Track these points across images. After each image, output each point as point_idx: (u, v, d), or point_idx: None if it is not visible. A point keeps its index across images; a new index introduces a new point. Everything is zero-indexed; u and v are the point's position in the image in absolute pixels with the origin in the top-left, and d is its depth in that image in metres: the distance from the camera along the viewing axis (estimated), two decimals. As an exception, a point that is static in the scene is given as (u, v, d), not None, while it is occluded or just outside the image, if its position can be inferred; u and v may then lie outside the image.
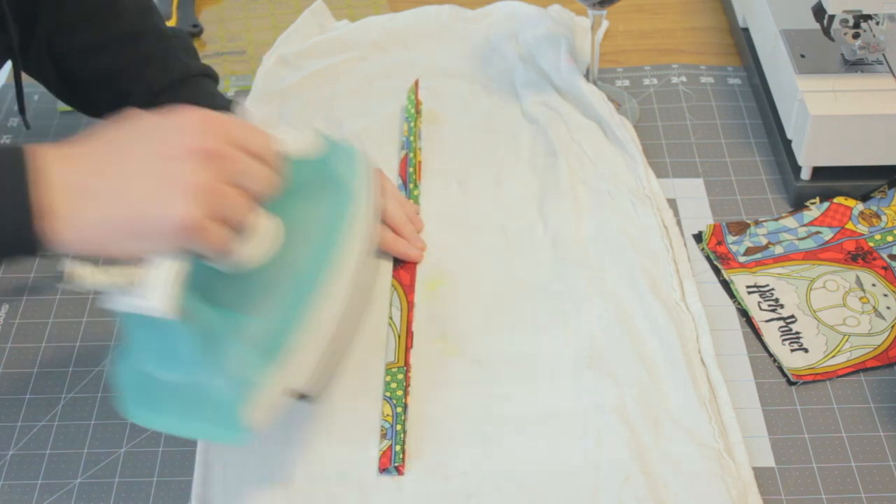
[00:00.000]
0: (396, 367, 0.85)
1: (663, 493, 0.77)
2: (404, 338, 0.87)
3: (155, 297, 0.63)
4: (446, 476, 0.79)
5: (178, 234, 0.63)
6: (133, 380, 0.70)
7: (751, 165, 1.03)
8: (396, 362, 0.86)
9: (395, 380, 0.84)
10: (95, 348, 0.89)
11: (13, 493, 0.80)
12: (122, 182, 0.63)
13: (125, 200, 0.63)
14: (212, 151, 0.64)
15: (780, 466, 0.80)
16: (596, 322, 0.88)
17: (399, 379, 0.84)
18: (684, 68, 1.15)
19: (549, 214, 0.97)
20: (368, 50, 1.17)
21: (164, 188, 0.62)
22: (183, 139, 0.64)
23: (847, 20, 0.97)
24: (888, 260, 0.93)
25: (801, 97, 0.96)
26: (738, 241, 0.95)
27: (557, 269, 0.93)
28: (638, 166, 1.01)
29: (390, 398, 0.83)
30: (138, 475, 0.81)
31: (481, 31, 1.18)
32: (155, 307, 0.63)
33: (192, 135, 0.64)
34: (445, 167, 1.03)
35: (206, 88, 0.98)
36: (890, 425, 0.82)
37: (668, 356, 0.85)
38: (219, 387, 0.67)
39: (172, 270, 0.64)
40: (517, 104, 1.10)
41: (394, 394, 0.83)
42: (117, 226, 0.63)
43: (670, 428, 0.81)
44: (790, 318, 0.89)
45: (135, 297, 0.64)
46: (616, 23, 1.22)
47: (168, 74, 0.96)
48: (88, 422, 0.84)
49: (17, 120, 1.12)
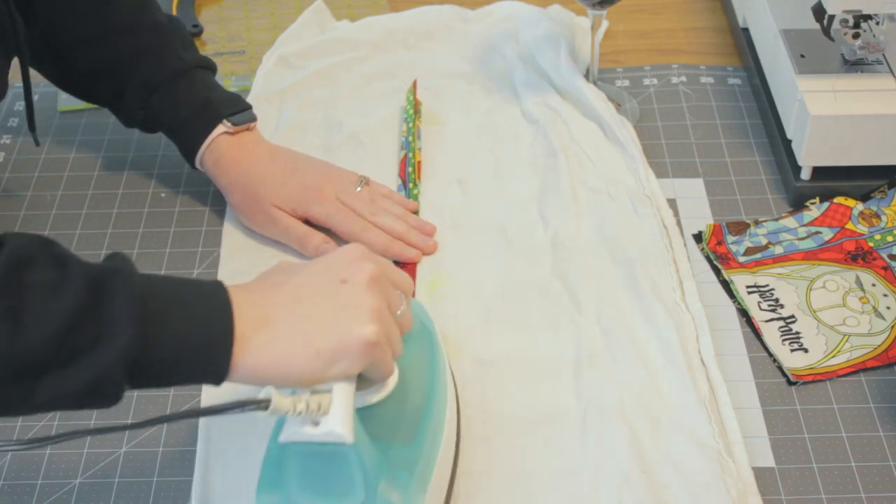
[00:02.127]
0: (396, 368, 0.85)
1: (663, 493, 0.77)
2: (404, 338, 0.87)
3: (340, 422, 0.64)
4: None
5: (368, 352, 0.66)
6: None
7: (751, 165, 1.03)
8: (397, 363, 0.85)
9: (396, 380, 0.84)
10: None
11: (13, 493, 0.80)
12: (309, 308, 0.66)
13: (316, 325, 0.65)
14: (378, 279, 0.68)
15: (780, 466, 0.80)
16: (596, 322, 0.88)
17: (399, 379, 0.84)
18: (684, 68, 1.15)
19: (549, 214, 0.97)
20: (368, 50, 1.17)
21: (352, 311, 0.66)
22: (354, 267, 0.68)
23: (847, 20, 0.97)
24: (888, 260, 0.93)
25: (801, 97, 0.96)
26: (738, 241, 0.95)
27: (557, 269, 0.93)
28: (638, 166, 1.01)
29: (390, 398, 0.83)
30: (138, 475, 0.81)
31: (481, 31, 1.18)
32: (340, 433, 0.64)
33: (360, 263, 0.68)
34: (445, 167, 1.03)
35: (204, 81, 0.98)
36: (890, 425, 0.82)
37: (668, 356, 0.85)
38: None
39: (350, 395, 0.66)
40: (517, 104, 1.10)
41: (394, 394, 0.83)
42: (311, 350, 0.65)
43: (670, 428, 0.81)
44: (790, 318, 0.89)
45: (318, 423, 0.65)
46: (616, 23, 1.22)
47: (163, 69, 0.96)
48: (88, 422, 0.84)
49: (17, 120, 1.12)
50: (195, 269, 0.95)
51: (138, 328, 0.60)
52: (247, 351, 0.63)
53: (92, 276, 0.61)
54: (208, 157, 0.96)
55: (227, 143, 0.95)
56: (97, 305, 0.60)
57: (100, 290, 0.61)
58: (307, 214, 0.95)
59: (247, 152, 0.96)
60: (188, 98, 0.96)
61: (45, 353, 0.59)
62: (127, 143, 1.08)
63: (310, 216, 0.95)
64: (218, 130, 0.95)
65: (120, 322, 0.60)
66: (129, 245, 0.97)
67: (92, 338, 0.60)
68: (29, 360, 0.59)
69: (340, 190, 0.96)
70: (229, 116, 0.95)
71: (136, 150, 1.08)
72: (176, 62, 0.96)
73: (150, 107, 0.96)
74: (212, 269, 0.95)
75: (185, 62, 0.97)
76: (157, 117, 0.97)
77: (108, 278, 0.61)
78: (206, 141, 0.95)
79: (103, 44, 0.96)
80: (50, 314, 0.59)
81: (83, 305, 0.60)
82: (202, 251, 0.97)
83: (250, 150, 0.96)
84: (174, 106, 0.96)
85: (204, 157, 0.96)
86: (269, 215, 0.95)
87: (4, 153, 1.08)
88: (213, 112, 0.95)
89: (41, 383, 0.60)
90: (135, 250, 0.97)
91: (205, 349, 0.63)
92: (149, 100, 0.96)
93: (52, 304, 0.59)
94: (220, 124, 0.95)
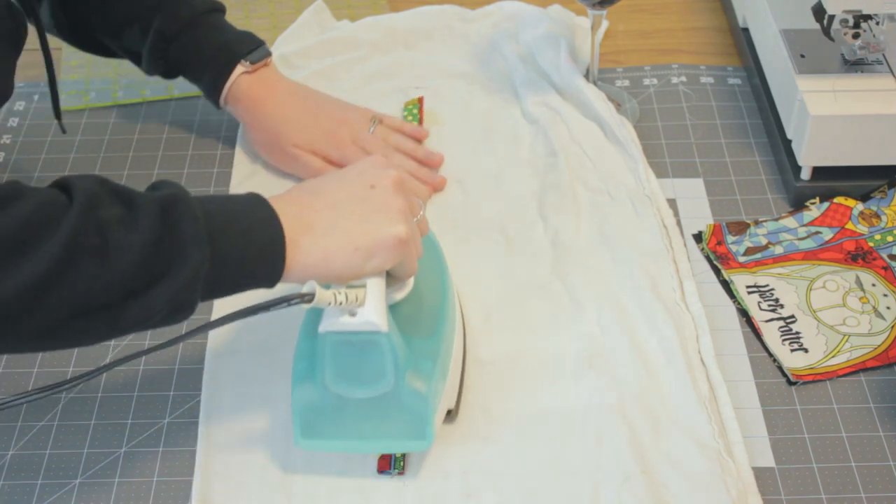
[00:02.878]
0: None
1: (663, 493, 0.77)
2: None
3: (376, 312, 0.71)
4: (446, 476, 0.79)
5: (399, 248, 0.73)
6: (311, 407, 0.76)
7: (751, 165, 1.03)
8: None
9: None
10: (96, 348, 0.89)
11: (13, 493, 0.80)
12: (345, 211, 0.73)
13: (354, 224, 0.72)
14: (402, 183, 0.76)
15: (780, 466, 0.80)
16: (596, 322, 0.88)
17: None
18: (684, 68, 1.15)
19: (549, 214, 0.97)
20: (368, 50, 1.17)
21: (384, 211, 0.73)
22: (379, 174, 0.75)
23: (847, 20, 0.97)
24: (888, 260, 0.93)
25: (801, 97, 0.96)
26: (738, 241, 0.95)
27: (557, 269, 0.93)
28: (638, 166, 1.01)
29: (391, 399, 0.83)
30: (138, 475, 0.81)
31: (481, 31, 1.18)
32: (375, 322, 0.71)
33: (384, 171, 0.76)
34: (445, 167, 1.03)
35: (217, 24, 1.02)
36: (890, 425, 0.82)
37: (668, 356, 0.85)
38: (413, 396, 0.75)
39: (382, 289, 0.73)
40: (517, 104, 1.10)
41: (394, 396, 0.83)
42: (351, 247, 0.72)
43: (670, 428, 0.81)
44: (790, 318, 0.89)
45: (355, 315, 0.71)
46: (616, 23, 1.22)
47: (178, 19, 0.99)
48: (88, 422, 0.84)
49: (17, 119, 1.12)
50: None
51: (206, 247, 0.66)
52: (296, 253, 0.70)
53: (159, 206, 0.66)
54: (231, 98, 1.01)
55: (248, 82, 1.00)
56: (169, 232, 0.66)
57: (168, 218, 0.66)
58: (326, 157, 1.01)
59: (267, 92, 1.01)
60: (205, 44, 1.00)
61: (129, 282, 0.65)
62: (127, 143, 1.08)
63: (328, 159, 1.01)
64: (237, 71, 1.00)
65: (190, 244, 0.66)
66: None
67: (168, 262, 0.66)
68: (115, 290, 0.65)
69: (356, 133, 1.02)
70: (246, 56, 1.00)
71: (136, 149, 1.08)
72: (188, 10, 1.00)
73: (169, 57, 1.00)
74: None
75: (197, 9, 1.00)
76: (176, 65, 1.01)
77: (171, 206, 0.67)
78: (228, 83, 1.00)
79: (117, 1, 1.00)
80: (130, 246, 0.64)
81: (157, 234, 0.65)
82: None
83: (270, 88, 1.01)
84: (193, 54, 1.00)
85: (227, 97, 1.01)
86: (289, 154, 1.01)
87: (4, 153, 1.08)
88: (230, 54, 1.00)
89: (126, 309, 0.66)
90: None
91: (262, 256, 0.69)
92: (167, 50, 1.00)
93: (129, 237, 0.65)
94: (238, 65, 1.00)
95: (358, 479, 0.79)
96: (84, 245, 0.63)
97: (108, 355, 0.89)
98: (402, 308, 0.78)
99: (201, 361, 0.88)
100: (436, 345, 0.78)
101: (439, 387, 0.77)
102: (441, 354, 0.78)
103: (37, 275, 0.62)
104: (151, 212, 0.66)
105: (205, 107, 1.11)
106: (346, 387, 0.75)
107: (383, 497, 0.78)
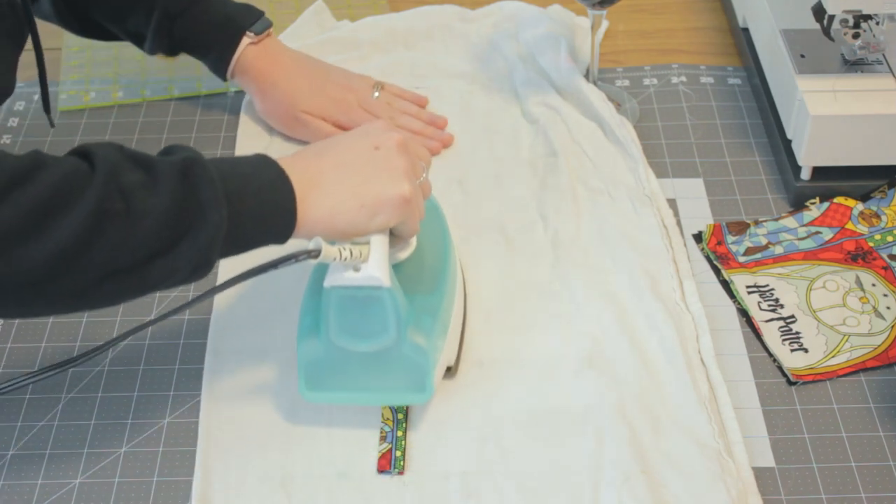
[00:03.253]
0: (398, 370, 0.85)
1: (663, 493, 0.77)
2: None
3: (378, 268, 0.74)
4: (446, 476, 0.79)
5: (403, 206, 0.76)
6: (316, 360, 0.79)
7: (751, 165, 1.03)
8: (398, 365, 0.86)
9: (396, 383, 0.84)
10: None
11: (13, 493, 0.80)
12: (351, 171, 0.76)
13: (360, 183, 0.75)
14: (405, 145, 0.79)
15: (780, 466, 0.80)
16: (596, 322, 0.88)
17: (400, 383, 0.84)
18: (684, 68, 1.15)
19: (549, 214, 0.97)
20: (369, 50, 1.17)
21: (388, 171, 0.76)
22: (384, 135, 0.78)
23: (847, 20, 0.97)
24: (888, 260, 0.93)
25: (801, 97, 0.96)
26: (738, 241, 0.95)
27: (557, 269, 0.93)
28: (638, 166, 1.01)
29: (391, 400, 0.83)
30: (138, 475, 0.81)
31: (481, 31, 1.18)
32: (378, 276, 0.74)
33: (388, 133, 0.79)
34: (445, 167, 1.03)
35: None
36: (890, 425, 0.82)
37: (668, 356, 0.85)
38: (414, 350, 0.78)
39: (385, 246, 0.76)
40: (517, 104, 1.10)
41: (395, 397, 0.83)
42: (356, 204, 0.74)
43: (670, 428, 0.81)
44: (790, 318, 0.89)
45: (359, 270, 0.74)
46: (616, 23, 1.22)
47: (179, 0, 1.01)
48: (88, 422, 0.84)
49: (17, 119, 1.12)
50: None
51: (223, 208, 0.69)
52: (306, 209, 0.73)
53: (178, 171, 0.69)
54: (238, 70, 1.03)
55: (254, 53, 1.02)
56: (188, 195, 0.68)
57: (187, 181, 0.69)
58: (335, 121, 1.04)
59: (273, 61, 1.03)
60: (209, 19, 1.01)
61: (152, 244, 0.67)
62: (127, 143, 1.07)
63: (338, 124, 1.04)
64: (244, 43, 1.02)
65: (208, 206, 0.69)
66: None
67: (188, 223, 0.68)
68: (140, 252, 0.67)
69: (361, 98, 1.05)
70: (251, 27, 1.02)
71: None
72: None
73: (174, 34, 1.01)
74: (212, 269, 0.95)
75: None
76: (181, 42, 1.02)
77: (189, 169, 0.69)
78: (235, 56, 1.02)
79: None
80: (153, 210, 0.67)
81: (178, 198, 0.68)
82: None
83: (276, 58, 1.03)
84: (198, 29, 1.01)
85: (234, 70, 1.03)
86: (300, 120, 1.04)
87: (4, 153, 1.08)
88: (235, 26, 1.01)
89: (151, 269, 0.68)
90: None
91: (275, 214, 0.72)
92: (172, 27, 1.01)
93: (152, 201, 0.67)
94: (244, 37, 1.01)
95: (358, 479, 0.79)
96: (109, 211, 0.66)
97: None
98: (406, 267, 0.81)
99: (201, 361, 0.88)
100: (437, 302, 0.81)
101: (439, 342, 0.80)
102: (442, 311, 0.81)
103: (66, 241, 0.64)
104: (171, 176, 0.68)
105: (205, 106, 1.11)
106: (350, 340, 0.78)
107: (383, 497, 0.78)
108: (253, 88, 1.05)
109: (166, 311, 0.79)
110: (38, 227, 0.64)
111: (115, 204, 0.66)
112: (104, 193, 0.66)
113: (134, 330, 0.78)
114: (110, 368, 0.88)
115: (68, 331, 0.90)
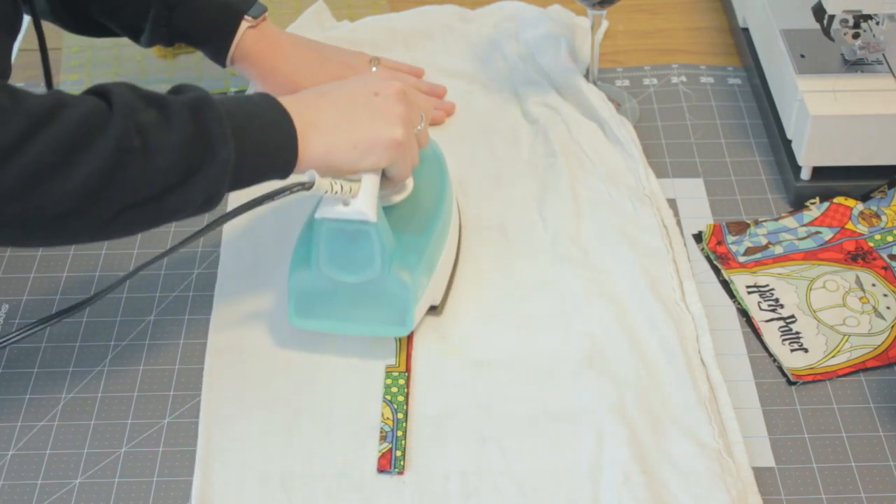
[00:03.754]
0: (398, 372, 0.85)
1: (663, 493, 0.77)
2: (405, 341, 0.87)
3: (366, 204, 0.79)
4: (446, 476, 0.79)
5: (395, 149, 0.81)
6: (306, 288, 0.84)
7: (751, 165, 1.03)
8: (398, 366, 0.86)
9: (396, 384, 0.84)
10: (96, 348, 0.89)
11: (13, 493, 0.80)
12: (348, 113, 0.80)
13: (355, 124, 0.80)
14: (405, 94, 0.83)
15: (780, 466, 0.80)
16: (596, 322, 0.88)
17: (400, 384, 0.84)
18: (684, 68, 1.15)
19: (548, 214, 0.97)
20: (368, 50, 1.17)
21: (384, 115, 0.81)
22: (384, 83, 0.83)
23: (847, 20, 0.97)
24: (888, 260, 0.93)
25: (801, 97, 0.96)
26: (738, 241, 0.95)
27: (557, 269, 0.93)
28: (638, 166, 1.01)
29: (391, 402, 0.83)
30: (138, 475, 0.81)
31: (481, 31, 1.18)
32: (365, 212, 0.79)
33: (389, 81, 0.83)
34: (445, 167, 1.03)
35: None
36: (890, 425, 0.82)
37: (668, 356, 0.85)
38: (397, 285, 0.82)
39: (375, 185, 0.80)
40: (517, 104, 1.10)
41: (394, 398, 0.83)
42: (350, 143, 0.79)
43: (670, 428, 0.81)
44: (790, 318, 0.89)
45: (348, 205, 0.79)
46: (616, 23, 1.22)
47: None
48: (88, 422, 0.84)
49: (17, 120, 1.12)
50: (195, 268, 0.95)
51: (231, 143, 0.73)
52: (305, 146, 0.78)
53: (189, 109, 0.73)
54: (238, 55, 1.03)
55: (252, 38, 1.03)
56: (199, 132, 0.72)
57: (197, 119, 0.72)
58: None
59: (270, 45, 1.04)
60: (207, 5, 1.02)
61: (168, 178, 0.71)
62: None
63: None
64: (242, 28, 1.02)
65: (217, 142, 0.73)
66: (129, 244, 0.97)
67: (200, 158, 0.72)
68: (156, 185, 0.71)
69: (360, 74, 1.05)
70: (248, 11, 1.02)
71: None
72: None
73: (172, 24, 1.01)
74: (212, 269, 0.95)
75: None
76: (179, 32, 1.02)
77: (199, 107, 0.73)
78: (234, 41, 1.02)
79: None
80: (167, 146, 0.71)
81: (190, 134, 0.72)
82: (202, 251, 0.97)
83: (274, 41, 1.04)
84: (196, 17, 1.01)
85: (234, 55, 1.03)
86: None
87: (4, 153, 1.08)
88: (233, 12, 1.02)
89: (166, 201, 0.72)
90: (134, 250, 0.97)
91: (278, 149, 0.77)
92: (171, 17, 1.01)
93: (166, 138, 0.71)
94: (242, 21, 1.02)
95: (358, 479, 0.79)
96: (127, 147, 0.69)
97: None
98: (401, 208, 0.87)
99: (201, 361, 0.88)
100: (425, 242, 0.85)
101: (423, 280, 0.85)
102: (428, 251, 0.85)
103: (89, 176, 0.68)
104: (183, 114, 0.72)
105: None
106: (338, 271, 0.82)
107: (383, 497, 0.78)
108: (253, 73, 1.05)
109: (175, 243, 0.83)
110: (64, 163, 0.68)
111: (133, 141, 0.69)
112: (123, 131, 0.69)
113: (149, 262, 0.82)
114: (110, 368, 0.88)
115: (69, 330, 0.90)
